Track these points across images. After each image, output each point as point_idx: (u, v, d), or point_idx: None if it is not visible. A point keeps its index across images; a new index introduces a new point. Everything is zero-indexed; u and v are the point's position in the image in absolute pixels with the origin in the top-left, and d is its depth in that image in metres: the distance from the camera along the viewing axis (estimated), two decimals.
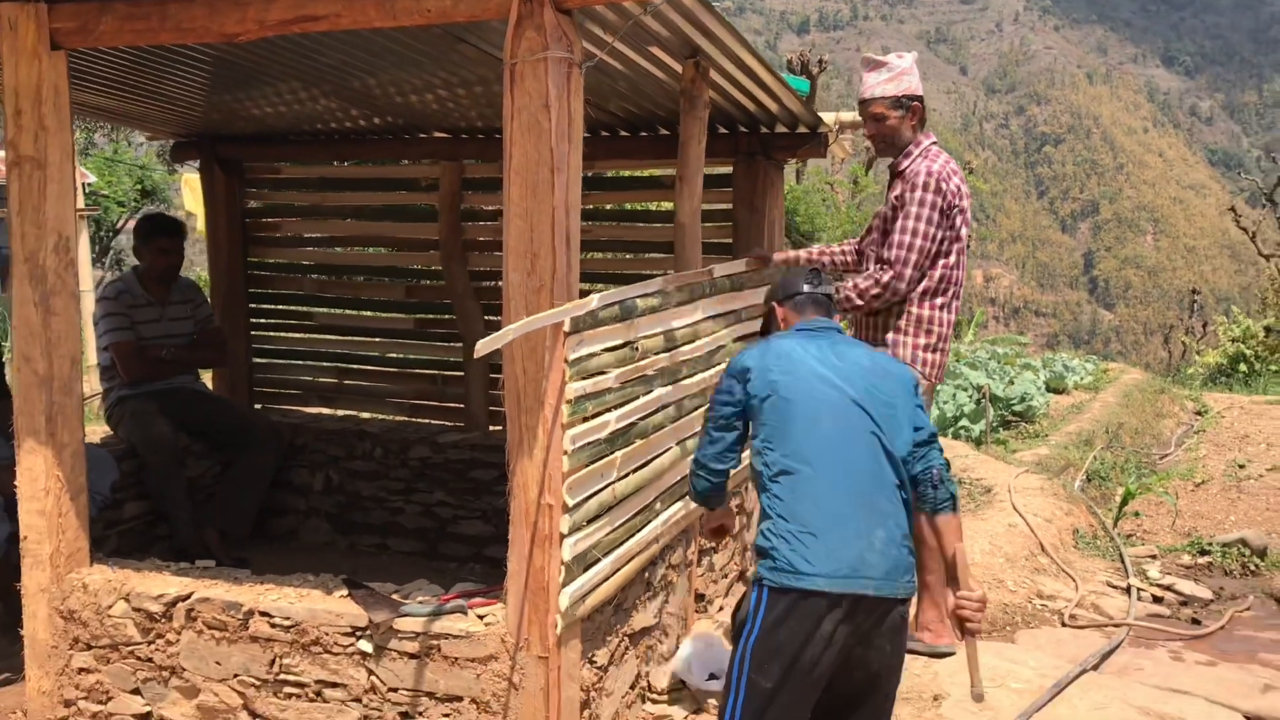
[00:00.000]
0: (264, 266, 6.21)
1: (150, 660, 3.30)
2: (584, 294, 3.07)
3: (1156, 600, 5.04)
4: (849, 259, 4.47)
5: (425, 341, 6.02)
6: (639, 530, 3.42)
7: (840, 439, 2.64)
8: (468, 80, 4.31)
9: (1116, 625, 4.58)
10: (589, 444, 3.03)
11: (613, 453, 3.20)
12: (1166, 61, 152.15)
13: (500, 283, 6.77)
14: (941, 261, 4.09)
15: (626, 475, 3.32)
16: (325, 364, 6.18)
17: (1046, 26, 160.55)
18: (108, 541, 4.75)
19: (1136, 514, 7.18)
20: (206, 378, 5.94)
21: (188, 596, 3.25)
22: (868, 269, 4.28)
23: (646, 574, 3.61)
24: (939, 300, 4.10)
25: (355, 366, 6.19)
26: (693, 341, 3.79)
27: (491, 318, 5.74)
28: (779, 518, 2.59)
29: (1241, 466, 8.93)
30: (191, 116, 5.47)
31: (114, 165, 19.04)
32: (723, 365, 3.61)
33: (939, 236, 4.02)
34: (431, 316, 6.01)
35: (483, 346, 2.60)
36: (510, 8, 2.76)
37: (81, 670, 3.37)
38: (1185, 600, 5.09)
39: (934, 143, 4.19)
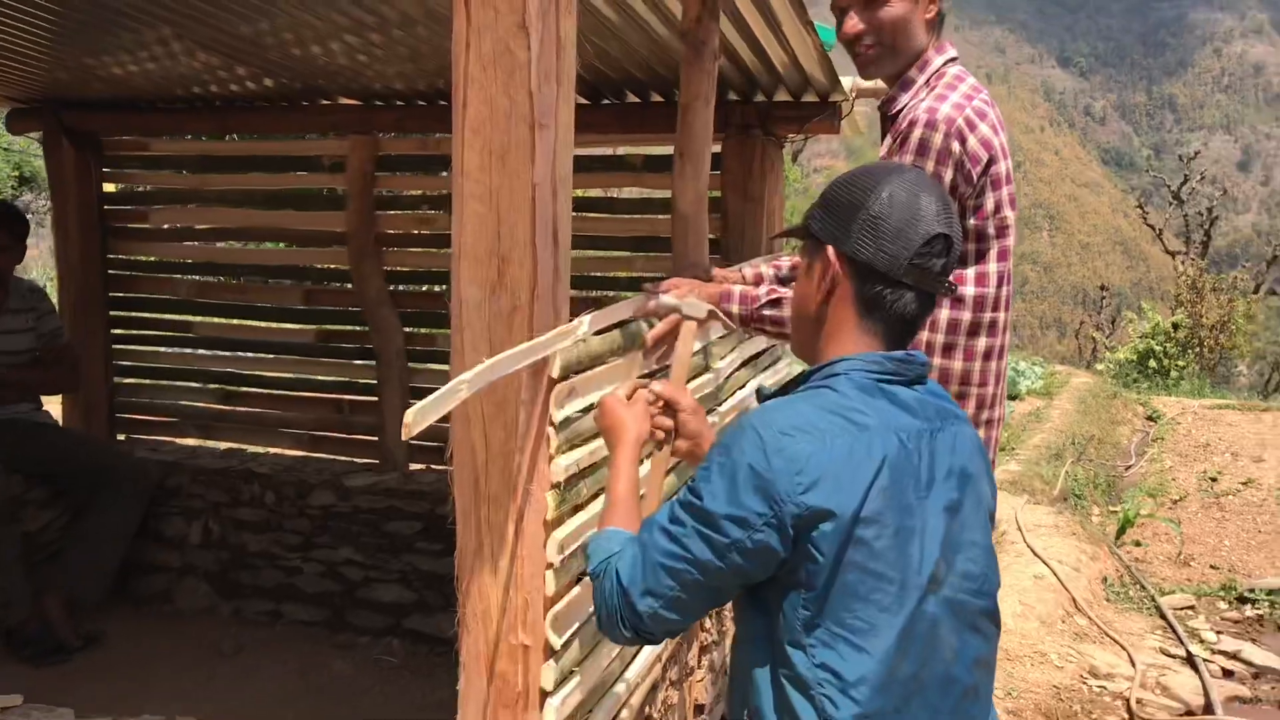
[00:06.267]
0: (128, 265, 5.22)
1: None
2: None
3: (1227, 674, 4.27)
4: None
5: (328, 359, 4.96)
6: (638, 654, 2.43)
7: (950, 657, 1.53)
8: (386, 18, 3.28)
9: (1195, 718, 3.74)
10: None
11: None
12: (1063, 62, 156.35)
13: (427, 287, 5.89)
14: (975, 270, 2.31)
15: None
16: (205, 385, 5.19)
17: (946, 27, 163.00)
18: None
19: (1137, 543, 6.55)
20: (53, 404, 4.85)
21: None
22: None
23: (646, 708, 2.62)
24: (980, 342, 2.33)
25: (242, 389, 5.18)
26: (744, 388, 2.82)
27: (413, 329, 4.74)
28: None
29: (1214, 480, 8.60)
30: (29, 75, 4.42)
31: None
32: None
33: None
34: (337, 328, 4.97)
35: (416, 415, 1.56)
36: None
37: None
38: (1258, 672, 4.32)
39: (952, 59, 2.41)
